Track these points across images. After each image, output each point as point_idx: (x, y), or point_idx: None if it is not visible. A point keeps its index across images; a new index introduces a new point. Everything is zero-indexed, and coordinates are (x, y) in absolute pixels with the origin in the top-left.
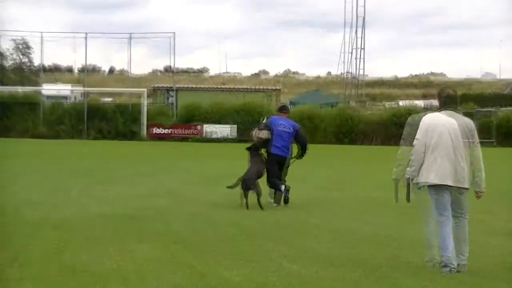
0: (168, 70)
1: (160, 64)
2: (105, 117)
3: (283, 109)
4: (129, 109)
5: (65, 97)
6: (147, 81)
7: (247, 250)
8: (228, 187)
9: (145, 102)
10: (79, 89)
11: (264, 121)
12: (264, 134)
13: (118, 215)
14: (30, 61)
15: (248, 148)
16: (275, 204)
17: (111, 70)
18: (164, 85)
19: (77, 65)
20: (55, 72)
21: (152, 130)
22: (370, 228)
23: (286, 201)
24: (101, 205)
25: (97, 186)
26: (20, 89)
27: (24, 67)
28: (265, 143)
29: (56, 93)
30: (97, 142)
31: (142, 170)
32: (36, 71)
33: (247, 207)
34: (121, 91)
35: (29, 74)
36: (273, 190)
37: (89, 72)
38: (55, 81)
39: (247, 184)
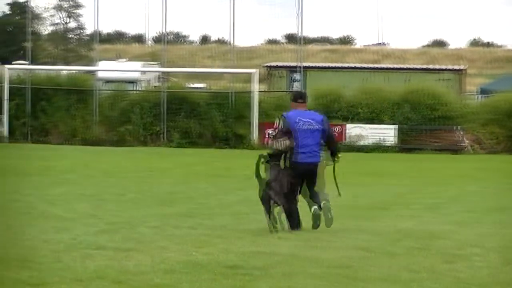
0: (291, 39)
1: (279, 30)
2: (195, 112)
3: (299, 98)
4: (232, 100)
5: (132, 82)
6: (258, 56)
7: None
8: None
9: (256, 88)
10: (154, 69)
11: (281, 125)
12: (283, 145)
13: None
14: (80, 26)
15: (268, 161)
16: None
17: (204, 40)
18: (285, 63)
19: (150, 32)
20: (116, 43)
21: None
22: None
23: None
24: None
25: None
26: (63, 69)
27: (71, 35)
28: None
29: (118, 76)
30: (183, 152)
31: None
32: (88, 41)
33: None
34: (218, 72)
35: (77, 46)
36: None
37: (169, 43)
38: (117, 56)
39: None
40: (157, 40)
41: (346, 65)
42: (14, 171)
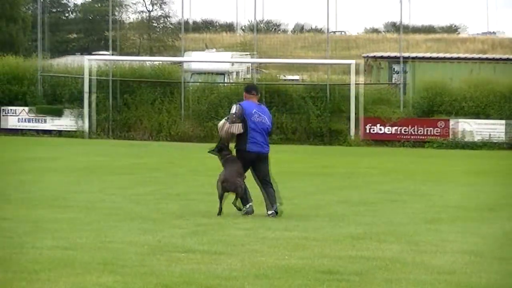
0: (393, 28)
1: (379, 19)
2: (288, 106)
3: (252, 90)
4: (328, 93)
5: (222, 74)
6: (357, 46)
7: None
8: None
9: (354, 80)
10: (245, 60)
11: (236, 110)
12: (237, 128)
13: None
14: (166, 15)
15: (217, 151)
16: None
17: (298, 29)
18: (385, 54)
19: (241, 21)
20: (205, 33)
21: (368, 128)
22: None
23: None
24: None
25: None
26: (148, 60)
27: (155, 24)
28: (233, 138)
29: (207, 67)
30: (275, 149)
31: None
32: (174, 30)
33: (220, 212)
34: (314, 63)
35: (162, 35)
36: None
37: (261, 33)
38: (205, 47)
39: (229, 184)
40: (248, 29)
41: (451, 55)
42: (97, 169)
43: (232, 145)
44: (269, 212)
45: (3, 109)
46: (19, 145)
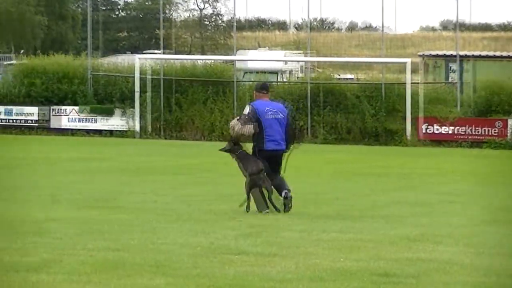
0: (448, 26)
1: (435, 16)
2: (342, 105)
3: (263, 89)
4: (383, 92)
5: (275, 72)
6: (412, 45)
7: None
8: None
9: (410, 79)
10: (298, 58)
11: (248, 111)
12: (248, 130)
13: None
14: (218, 12)
15: (229, 148)
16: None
17: (351, 27)
18: (441, 52)
19: (294, 19)
20: (257, 31)
21: (424, 128)
22: None
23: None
24: None
25: None
26: (199, 58)
27: (207, 22)
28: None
29: (259, 66)
30: (329, 149)
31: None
32: (226, 28)
33: (248, 209)
34: (368, 61)
35: (214, 33)
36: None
37: (314, 31)
38: (257, 45)
39: (256, 180)
40: (301, 27)
41: (508, 53)
42: (148, 170)
43: (249, 144)
44: (283, 194)
45: (53, 109)
46: (69, 145)
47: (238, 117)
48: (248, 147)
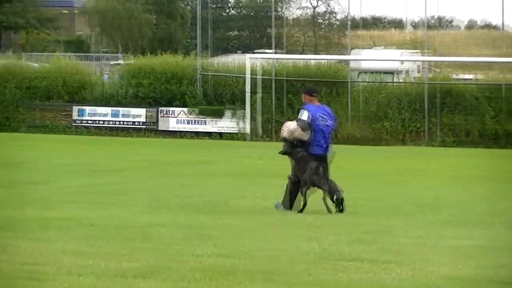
0: None
1: None
2: (461, 106)
3: (313, 92)
4: (503, 93)
5: (390, 72)
6: None
7: None
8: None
9: None
10: (415, 58)
11: (304, 117)
12: (306, 136)
13: None
14: (332, 10)
15: (289, 153)
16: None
17: (470, 25)
18: None
19: (411, 17)
20: (372, 30)
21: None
22: None
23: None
24: None
25: None
26: (312, 58)
27: (320, 20)
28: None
29: (374, 66)
30: (447, 152)
31: None
32: (340, 27)
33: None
34: (487, 61)
35: (327, 32)
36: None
37: (431, 29)
38: (372, 44)
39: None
40: (418, 25)
41: None
42: (260, 173)
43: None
44: (336, 195)
45: (161, 110)
46: (178, 148)
47: (296, 121)
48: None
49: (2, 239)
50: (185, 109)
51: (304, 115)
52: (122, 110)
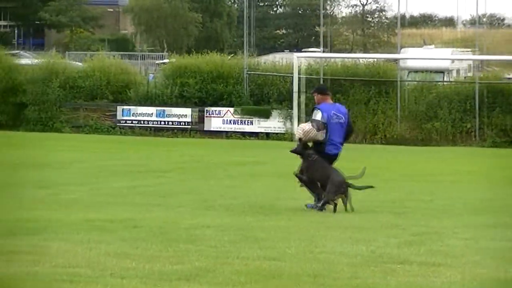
0: None
1: None
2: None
3: (325, 91)
4: None
5: (441, 72)
6: None
7: None
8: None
9: None
10: (467, 57)
11: (317, 117)
12: (321, 137)
13: None
14: (381, 8)
15: (302, 154)
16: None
17: None
18: None
19: (463, 15)
20: (423, 28)
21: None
22: None
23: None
24: None
25: None
26: (361, 57)
27: (370, 18)
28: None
29: (425, 65)
30: (498, 153)
31: None
32: (390, 25)
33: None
34: None
35: (377, 30)
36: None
37: (484, 27)
38: (423, 43)
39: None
40: (470, 23)
41: None
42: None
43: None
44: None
45: (206, 110)
46: (224, 148)
47: (311, 121)
48: None
49: (45, 241)
50: (231, 109)
51: (318, 115)
52: (167, 110)
